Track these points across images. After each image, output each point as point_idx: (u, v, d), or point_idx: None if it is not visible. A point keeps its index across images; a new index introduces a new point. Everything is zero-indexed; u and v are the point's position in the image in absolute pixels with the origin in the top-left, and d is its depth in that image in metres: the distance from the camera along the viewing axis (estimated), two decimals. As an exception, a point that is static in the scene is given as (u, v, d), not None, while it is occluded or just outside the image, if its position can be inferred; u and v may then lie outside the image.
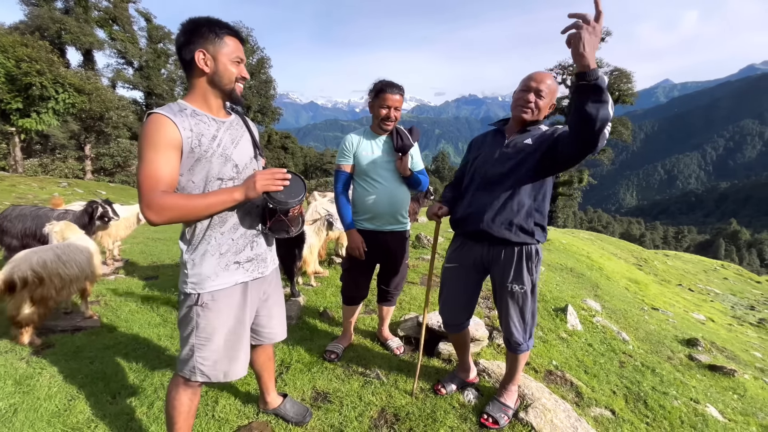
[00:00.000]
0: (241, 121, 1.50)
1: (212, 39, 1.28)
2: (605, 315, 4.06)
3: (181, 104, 1.31)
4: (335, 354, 2.53)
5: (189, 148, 1.26)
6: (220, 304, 1.40)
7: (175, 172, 1.24)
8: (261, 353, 1.82)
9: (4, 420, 1.86)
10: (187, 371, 1.42)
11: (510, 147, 1.81)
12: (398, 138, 2.24)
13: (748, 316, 8.09)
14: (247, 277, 1.47)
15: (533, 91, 1.73)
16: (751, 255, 67.41)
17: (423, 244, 6.01)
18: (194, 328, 1.38)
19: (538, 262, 1.85)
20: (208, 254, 1.37)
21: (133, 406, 2.03)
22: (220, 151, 1.33)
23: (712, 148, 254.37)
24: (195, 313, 1.38)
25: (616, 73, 26.70)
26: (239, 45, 1.36)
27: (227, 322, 1.43)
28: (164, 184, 1.20)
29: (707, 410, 2.48)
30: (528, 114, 1.76)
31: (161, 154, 1.20)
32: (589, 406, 2.28)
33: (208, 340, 1.40)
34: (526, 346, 1.94)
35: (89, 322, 2.96)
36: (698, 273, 13.60)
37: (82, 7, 23.47)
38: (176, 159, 1.24)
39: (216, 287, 1.38)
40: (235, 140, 1.40)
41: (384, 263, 2.48)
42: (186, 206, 1.23)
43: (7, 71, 13.79)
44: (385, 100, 2.15)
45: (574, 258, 7.06)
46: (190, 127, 1.26)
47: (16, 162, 15.99)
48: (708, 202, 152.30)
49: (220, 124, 1.37)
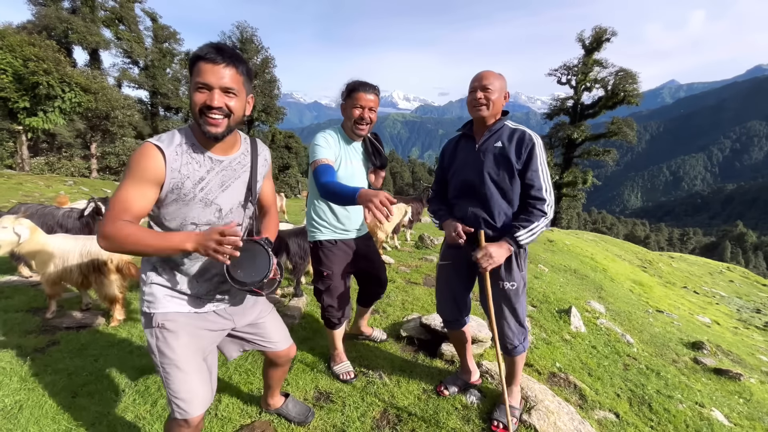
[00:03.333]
0: (250, 157, 1.39)
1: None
2: (609, 317, 4.03)
3: (186, 135, 1.26)
4: (353, 373, 2.32)
5: (170, 188, 1.21)
6: (178, 325, 1.30)
7: (147, 206, 1.20)
8: (276, 369, 1.76)
9: (10, 416, 1.87)
10: (171, 409, 1.31)
11: (482, 151, 1.85)
12: (374, 150, 2.14)
13: (754, 319, 8.01)
14: (207, 309, 1.38)
15: (480, 89, 1.79)
16: (758, 257, 66.78)
17: (426, 244, 6.00)
18: (156, 355, 1.29)
19: (525, 256, 1.89)
20: (164, 285, 1.31)
21: (137, 403, 2.04)
22: (201, 195, 1.26)
23: (719, 150, 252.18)
24: (154, 337, 1.29)
25: (621, 73, 26.54)
26: (211, 69, 1.16)
27: (190, 344, 1.31)
28: (131, 215, 1.15)
29: (712, 414, 2.46)
30: (483, 110, 1.79)
31: (138, 187, 1.17)
32: (592, 409, 2.27)
33: (174, 368, 1.28)
34: (522, 347, 1.94)
35: (92, 320, 2.98)
36: (703, 275, 13.48)
37: (88, 7, 23.67)
38: (153, 194, 1.20)
39: (171, 309, 1.31)
40: (225, 183, 1.32)
41: (365, 269, 2.34)
42: (135, 242, 1.13)
43: (14, 70, 13.92)
44: (359, 100, 1.99)
45: (578, 259, 7.02)
46: (179, 167, 1.21)
47: (23, 160, 16.13)
48: (714, 204, 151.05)
49: (216, 164, 1.29)
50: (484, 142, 1.85)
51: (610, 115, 28.14)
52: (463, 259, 1.96)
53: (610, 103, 27.28)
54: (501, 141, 1.81)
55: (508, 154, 1.78)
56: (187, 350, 1.30)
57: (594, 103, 28.53)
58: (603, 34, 26.68)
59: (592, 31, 27.04)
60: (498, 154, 1.80)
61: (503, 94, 1.83)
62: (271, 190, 1.59)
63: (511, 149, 1.78)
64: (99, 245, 1.16)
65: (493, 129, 1.84)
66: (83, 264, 2.81)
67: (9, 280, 3.79)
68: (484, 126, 1.86)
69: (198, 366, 1.33)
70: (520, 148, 1.77)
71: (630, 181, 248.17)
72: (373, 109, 2.03)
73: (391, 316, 3.26)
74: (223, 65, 1.16)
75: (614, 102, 27.09)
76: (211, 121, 1.19)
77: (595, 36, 26.92)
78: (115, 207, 1.15)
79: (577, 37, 27.86)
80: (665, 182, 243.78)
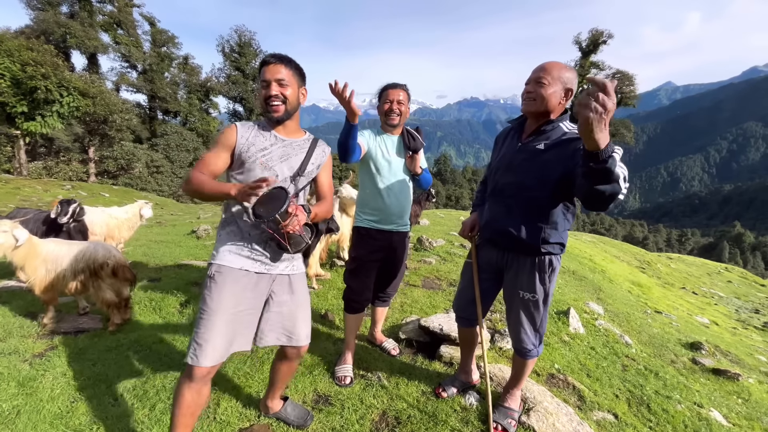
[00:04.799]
0: (309, 147, 1.69)
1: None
2: (608, 318, 4.04)
3: (260, 123, 1.64)
4: (350, 378, 2.34)
5: (239, 151, 1.56)
6: (226, 281, 1.52)
7: (219, 164, 1.56)
8: (285, 364, 1.81)
9: (7, 422, 1.87)
10: (188, 353, 1.49)
11: (522, 151, 1.71)
12: (410, 138, 2.32)
13: (752, 319, 8.03)
14: (254, 268, 1.59)
15: (533, 81, 1.63)
16: (756, 258, 66.94)
17: (425, 246, 6.00)
18: (203, 301, 1.52)
19: (552, 272, 1.77)
20: (230, 235, 1.59)
21: (135, 408, 2.03)
22: (263, 159, 1.57)
23: (716, 151, 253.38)
24: (206, 285, 1.54)
25: (618, 75, 26.68)
26: (268, 68, 1.53)
27: (228, 300, 1.51)
28: (206, 169, 1.52)
29: (711, 414, 2.46)
30: (530, 105, 1.64)
31: (216, 150, 1.56)
32: (591, 410, 2.27)
33: (207, 314, 1.49)
34: (536, 351, 1.91)
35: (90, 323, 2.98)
36: (702, 276, 13.51)
37: (86, 12, 23.72)
38: (225, 156, 1.56)
39: (225, 263, 1.54)
40: (284, 156, 1.62)
41: (387, 263, 2.46)
42: (200, 185, 1.46)
43: (12, 75, 13.92)
44: (387, 96, 2.25)
45: (576, 261, 7.03)
46: (248, 136, 1.57)
47: (20, 165, 16.10)
48: (711, 205, 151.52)
49: (279, 141, 1.62)
50: (527, 142, 1.69)
51: (607, 116, 28.30)
52: (486, 261, 1.94)
53: (607, 105, 27.41)
54: (544, 143, 1.62)
55: (546, 160, 1.59)
56: (225, 303, 1.51)
57: (591, 105, 28.63)
58: (599, 36, 26.84)
59: (588, 33, 27.21)
60: (536, 158, 1.62)
61: (564, 90, 1.60)
62: (328, 180, 1.83)
63: (552, 153, 1.58)
64: (182, 189, 1.39)
65: (542, 129, 1.66)
66: (77, 269, 2.80)
67: (7, 284, 3.78)
68: (533, 123, 1.70)
69: (227, 321, 1.51)
70: (562, 153, 1.54)
71: (628, 182, 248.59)
72: (401, 102, 2.24)
73: (389, 319, 3.26)
74: (276, 64, 1.54)
75: (611, 103, 27.24)
76: (273, 108, 1.55)
77: (592, 38, 27.08)
78: (199, 163, 1.55)
79: (574, 39, 28.02)
80: (663, 183, 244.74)
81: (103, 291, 2.84)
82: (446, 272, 4.70)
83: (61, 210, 3.89)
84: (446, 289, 4.16)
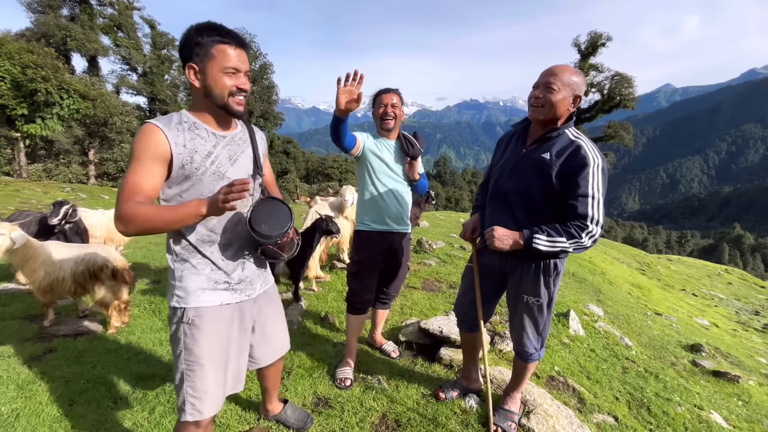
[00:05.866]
0: (248, 134, 1.43)
1: (198, 52, 1.21)
2: (608, 320, 4.03)
3: (183, 116, 1.28)
4: (350, 380, 2.34)
5: (179, 164, 1.22)
6: (209, 324, 1.32)
7: (157, 184, 1.21)
8: (270, 369, 1.75)
9: (6, 425, 1.86)
10: (179, 410, 1.33)
11: (526, 158, 1.65)
12: (408, 144, 2.33)
13: (752, 321, 8.02)
14: (235, 299, 1.40)
15: (541, 86, 1.55)
16: (755, 259, 66.98)
17: (425, 248, 6.00)
18: (182, 350, 1.31)
19: (557, 276, 1.74)
20: (195, 270, 1.32)
21: (134, 411, 2.03)
22: (213, 168, 1.28)
23: (715, 153, 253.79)
24: (182, 332, 1.30)
25: (617, 77, 26.72)
26: (236, 53, 1.23)
27: (216, 344, 1.34)
28: (142, 196, 1.16)
29: (711, 417, 2.46)
30: (538, 113, 1.58)
31: (145, 166, 1.18)
32: (591, 413, 2.27)
33: (197, 365, 1.30)
34: (537, 355, 1.90)
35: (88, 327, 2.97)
36: (702, 278, 13.51)
37: (87, 15, 23.76)
38: (161, 172, 1.21)
39: (202, 304, 1.31)
40: (233, 157, 1.34)
41: (388, 264, 2.46)
42: (153, 218, 1.15)
43: (12, 77, 13.93)
44: (381, 100, 2.29)
45: (576, 262, 7.03)
46: (184, 142, 1.22)
47: (20, 167, 16.10)
48: (711, 207, 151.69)
49: (220, 139, 1.31)
50: (531, 149, 1.63)
51: (606, 118, 28.32)
52: (489, 265, 1.92)
53: (606, 107, 27.43)
54: (549, 152, 1.55)
55: (550, 171, 1.53)
56: (213, 348, 1.33)
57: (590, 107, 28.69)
58: (599, 39, 26.90)
59: (588, 36, 27.27)
60: (540, 168, 1.56)
61: (573, 96, 1.54)
62: (270, 169, 1.64)
63: (557, 165, 1.52)
64: (117, 230, 1.16)
65: (548, 135, 1.59)
66: (78, 272, 2.80)
67: (6, 287, 3.77)
68: (539, 129, 1.63)
69: (218, 366, 1.36)
70: (567, 165, 1.50)
71: (627, 184, 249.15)
72: (395, 105, 2.27)
73: (389, 321, 3.25)
74: (244, 50, 1.26)
75: (610, 106, 27.25)
76: (241, 102, 1.28)
77: (591, 41, 27.14)
78: (126, 189, 1.16)
79: (573, 41, 28.09)
80: (662, 185, 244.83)
81: (103, 293, 2.83)
82: (446, 274, 4.70)
83: (53, 211, 3.87)
84: (446, 292, 4.15)
